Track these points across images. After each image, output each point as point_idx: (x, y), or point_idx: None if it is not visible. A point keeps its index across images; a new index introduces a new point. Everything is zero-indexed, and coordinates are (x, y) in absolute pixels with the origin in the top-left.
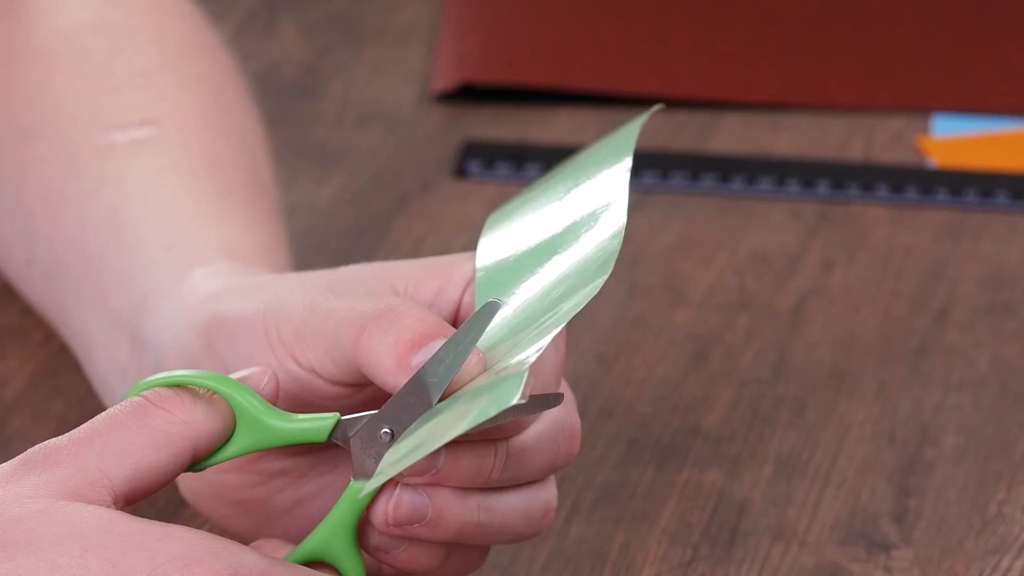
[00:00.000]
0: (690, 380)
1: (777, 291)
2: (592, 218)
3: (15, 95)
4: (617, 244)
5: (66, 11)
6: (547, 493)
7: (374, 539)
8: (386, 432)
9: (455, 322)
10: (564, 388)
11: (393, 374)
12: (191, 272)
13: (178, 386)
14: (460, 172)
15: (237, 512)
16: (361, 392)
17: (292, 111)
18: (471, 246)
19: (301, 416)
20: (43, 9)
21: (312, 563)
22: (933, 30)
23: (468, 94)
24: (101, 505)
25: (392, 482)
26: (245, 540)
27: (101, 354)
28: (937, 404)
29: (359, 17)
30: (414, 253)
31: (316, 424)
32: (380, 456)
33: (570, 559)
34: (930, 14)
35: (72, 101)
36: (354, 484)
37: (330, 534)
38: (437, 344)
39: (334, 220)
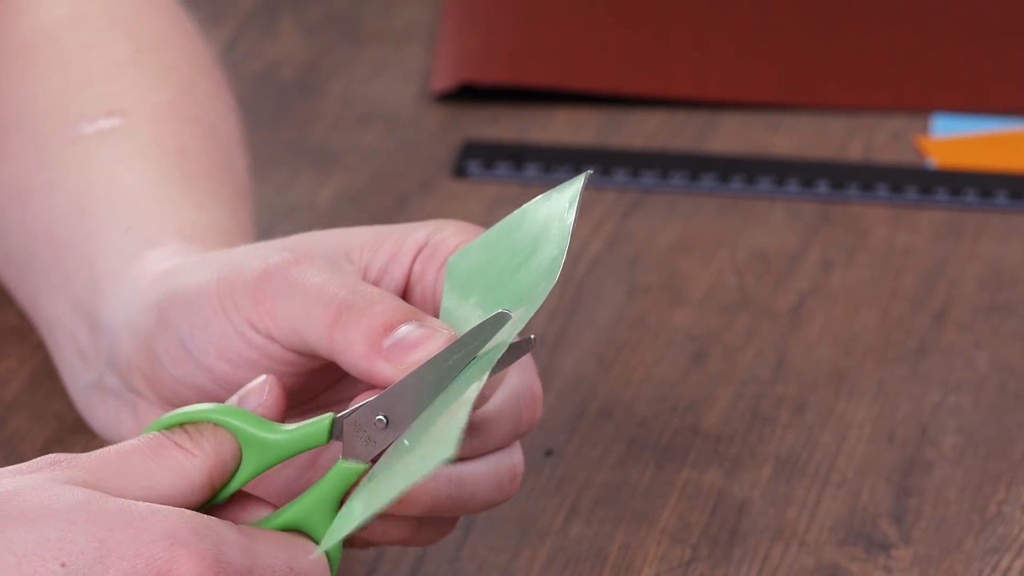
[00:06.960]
0: (689, 380)
1: (776, 291)
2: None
3: None
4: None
5: (46, 6)
6: (512, 459)
7: None
8: (380, 419)
9: (406, 286)
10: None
11: (366, 357)
12: (145, 253)
13: (183, 424)
14: (459, 172)
15: None
16: (317, 360)
17: (291, 111)
18: None
19: (296, 425)
20: (23, 5)
21: (289, 530)
22: (932, 30)
23: (467, 94)
24: None
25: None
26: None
27: (65, 341)
28: (936, 404)
29: (358, 17)
30: None
31: (314, 429)
32: (372, 440)
33: (570, 559)
34: (929, 13)
35: (44, 96)
36: (342, 463)
37: (312, 507)
38: (408, 328)
39: (334, 220)
